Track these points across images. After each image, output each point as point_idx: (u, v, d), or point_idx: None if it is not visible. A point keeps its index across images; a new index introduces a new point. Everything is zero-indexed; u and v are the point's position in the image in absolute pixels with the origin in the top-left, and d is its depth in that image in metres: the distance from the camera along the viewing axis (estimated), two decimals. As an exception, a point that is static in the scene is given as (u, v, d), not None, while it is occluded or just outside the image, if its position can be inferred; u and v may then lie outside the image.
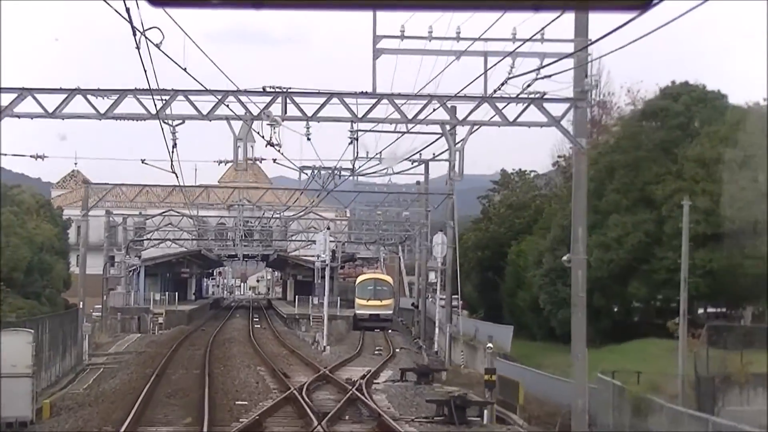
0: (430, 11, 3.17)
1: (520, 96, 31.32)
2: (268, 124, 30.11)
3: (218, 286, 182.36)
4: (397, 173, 65.03)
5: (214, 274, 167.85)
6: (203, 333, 79.98)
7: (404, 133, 58.77)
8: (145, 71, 27.68)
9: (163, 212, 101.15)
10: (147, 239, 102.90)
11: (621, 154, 50.59)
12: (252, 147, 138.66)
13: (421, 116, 31.78)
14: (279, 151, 32.09)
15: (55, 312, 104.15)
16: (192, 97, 31.95)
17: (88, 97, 31.76)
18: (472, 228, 67.52)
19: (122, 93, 31.67)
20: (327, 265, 58.90)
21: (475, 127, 32.12)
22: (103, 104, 31.99)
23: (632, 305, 51.88)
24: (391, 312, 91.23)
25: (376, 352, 60.46)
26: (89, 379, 50.27)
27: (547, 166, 70.99)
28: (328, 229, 60.10)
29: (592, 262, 51.22)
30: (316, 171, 60.54)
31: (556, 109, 31.88)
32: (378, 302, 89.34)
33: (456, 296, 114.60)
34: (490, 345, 36.92)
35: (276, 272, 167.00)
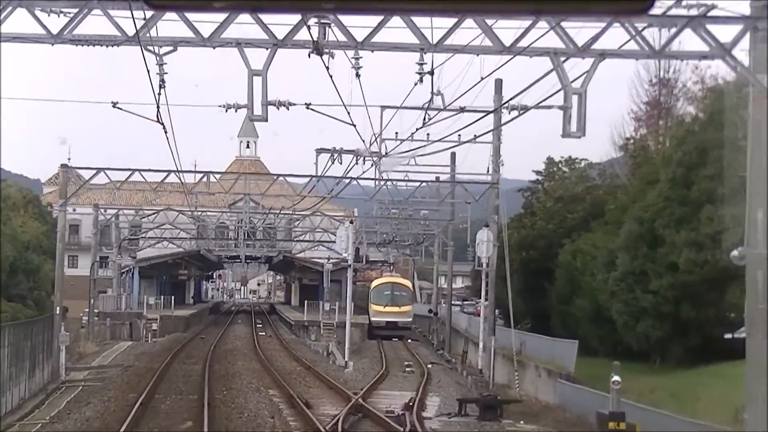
0: (429, 15, 1.74)
1: (668, 14, 20.66)
2: (316, 23, 19.37)
3: (218, 289, 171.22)
4: (423, 154, 54.51)
5: (214, 276, 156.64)
6: (202, 342, 69.21)
7: (441, 109, 48.22)
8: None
9: (160, 209, 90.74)
10: (141, 237, 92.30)
11: (716, 132, 39.86)
12: (255, 143, 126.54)
13: (522, 43, 21.10)
14: (327, 67, 21.04)
15: (41, 316, 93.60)
16: (189, 15, 21.25)
17: (36, 11, 21.07)
18: (514, 225, 56.64)
19: (84, 4, 20.97)
20: (350, 265, 48.14)
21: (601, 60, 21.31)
22: (57, 23, 21.32)
23: (728, 317, 41.07)
24: (410, 319, 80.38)
25: (408, 370, 49.70)
26: (60, 403, 39.51)
27: (602, 154, 60.15)
28: (351, 222, 49.38)
29: (680, 264, 40.62)
30: (336, 155, 49.87)
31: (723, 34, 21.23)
32: (396, 308, 78.51)
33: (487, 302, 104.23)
34: (616, 378, 25.78)
35: (278, 276, 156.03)
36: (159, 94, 21.76)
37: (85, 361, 57.01)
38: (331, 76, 21.54)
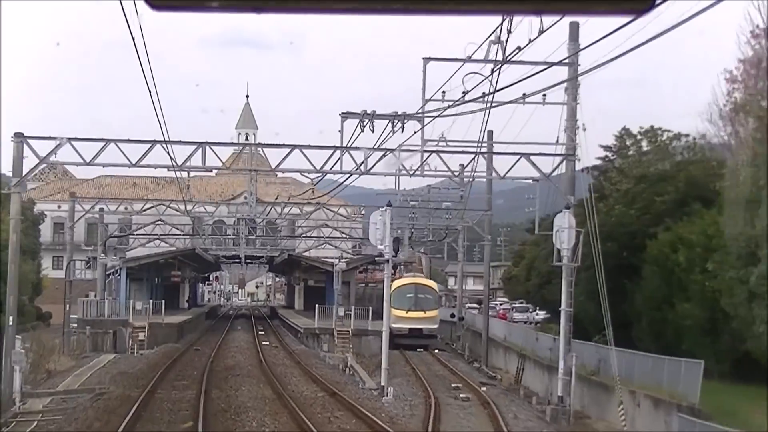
0: (430, 15, 2.70)
1: None
2: None
3: (215, 292, 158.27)
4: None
5: (211, 278, 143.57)
6: (197, 355, 56.72)
7: (505, 62, 36.00)
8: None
9: (151, 200, 78.79)
10: (129, 234, 79.92)
11: None
12: (254, 135, 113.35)
13: None
14: None
15: (21, 323, 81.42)
16: None
17: None
18: (582, 212, 43.83)
19: None
20: (387, 260, 35.66)
21: None
22: None
23: None
24: (436, 326, 67.83)
25: (462, 397, 37.20)
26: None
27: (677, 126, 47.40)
28: (389, 205, 37.00)
29: None
30: (367, 119, 37.52)
31: None
32: (421, 314, 65.98)
33: (524, 303, 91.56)
34: None
35: (279, 277, 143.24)
36: None
37: (51, 383, 44.51)
38: None
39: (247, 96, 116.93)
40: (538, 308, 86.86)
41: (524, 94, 38.42)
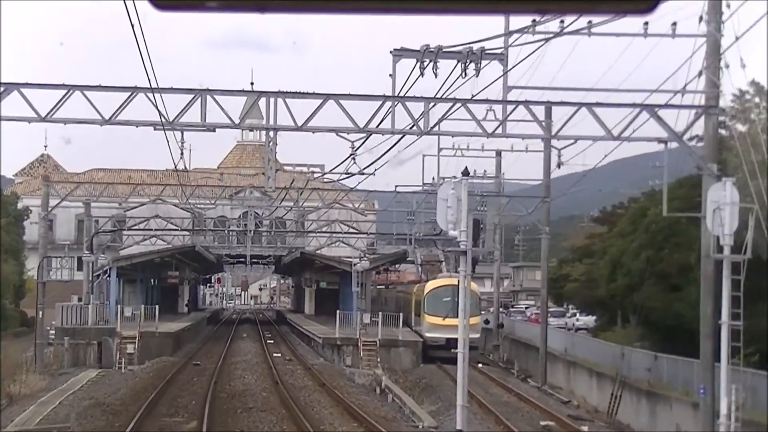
0: (430, 15, 2.67)
1: None
2: None
3: (217, 295, 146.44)
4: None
5: (212, 281, 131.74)
6: (196, 372, 45.21)
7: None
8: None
9: (143, 195, 68.16)
10: (121, 230, 68.71)
11: None
12: (260, 125, 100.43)
13: None
14: None
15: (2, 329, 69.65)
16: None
17: None
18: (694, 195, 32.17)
19: None
20: (465, 251, 24.30)
21: None
22: None
23: None
24: (477, 335, 56.07)
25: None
26: None
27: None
28: (466, 174, 25.63)
29: None
30: (429, 58, 26.14)
31: None
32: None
33: (564, 306, 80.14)
34: None
35: (284, 279, 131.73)
36: None
37: (8, 414, 33.06)
38: None
39: (252, 83, 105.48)
40: (578, 312, 75.81)
41: (646, 23, 27.19)
